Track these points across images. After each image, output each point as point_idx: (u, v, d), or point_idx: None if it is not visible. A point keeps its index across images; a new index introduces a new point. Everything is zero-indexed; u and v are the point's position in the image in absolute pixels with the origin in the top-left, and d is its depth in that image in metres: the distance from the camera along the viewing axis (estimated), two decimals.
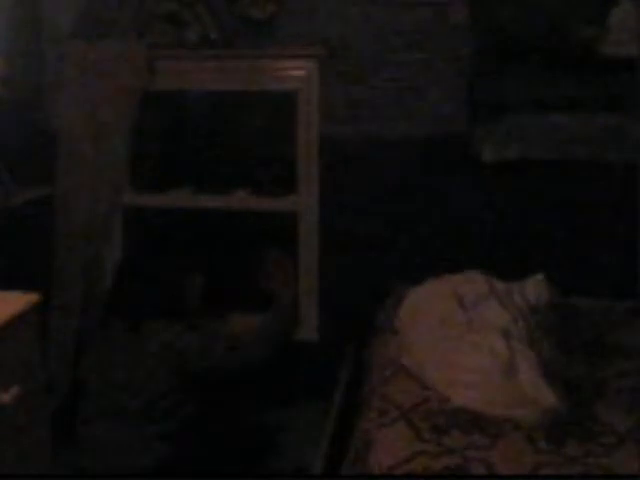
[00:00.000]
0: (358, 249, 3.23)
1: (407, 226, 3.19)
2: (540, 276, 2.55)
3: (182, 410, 3.06)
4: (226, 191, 3.48)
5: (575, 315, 2.76)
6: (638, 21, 3.19)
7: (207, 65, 3.34)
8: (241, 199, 3.48)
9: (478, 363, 2.23)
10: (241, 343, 3.24)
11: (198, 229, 3.54)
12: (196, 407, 3.06)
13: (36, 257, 3.10)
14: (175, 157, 3.61)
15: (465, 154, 3.10)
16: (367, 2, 3.21)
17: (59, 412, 2.82)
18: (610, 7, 3.20)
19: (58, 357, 3.15)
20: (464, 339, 2.30)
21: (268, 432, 3.05)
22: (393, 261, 3.18)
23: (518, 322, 2.33)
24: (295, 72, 3.31)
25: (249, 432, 3.05)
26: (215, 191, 3.49)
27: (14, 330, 1.93)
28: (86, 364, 3.16)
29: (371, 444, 2.14)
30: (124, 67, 3.19)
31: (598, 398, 2.34)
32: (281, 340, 3.27)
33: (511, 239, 3.08)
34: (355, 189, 3.23)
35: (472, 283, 2.49)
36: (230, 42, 3.28)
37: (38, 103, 3.33)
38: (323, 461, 2.50)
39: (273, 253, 3.52)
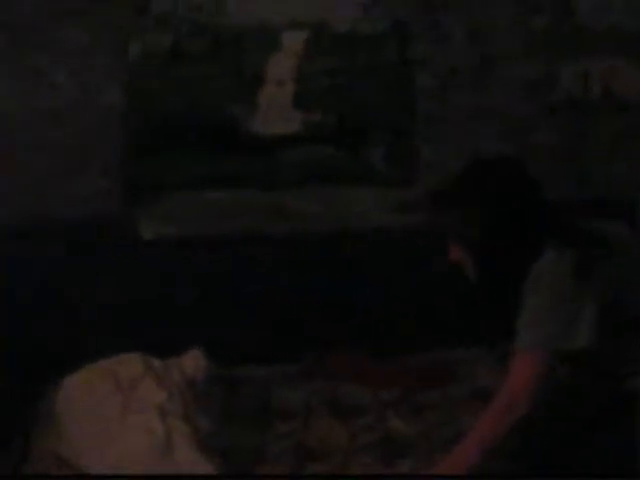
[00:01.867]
0: (15, 339, 3.08)
1: (68, 312, 3.10)
2: (196, 350, 2.59)
3: None
4: None
5: (239, 384, 2.84)
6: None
7: None
8: None
9: (134, 444, 2.22)
10: None
11: None
12: None
13: None
14: None
15: (123, 234, 3.10)
16: (22, 85, 3.14)
17: None
18: (258, 88, 3.40)
19: None
20: (121, 421, 2.28)
21: None
22: (55, 349, 3.06)
23: (175, 399, 2.35)
24: None
25: None
26: None
27: None
28: None
29: None
30: None
31: (259, 463, 2.43)
32: None
33: (176, 314, 3.11)
34: (11, 276, 3.09)
35: (128, 364, 2.48)
36: None
37: None
38: None
39: None
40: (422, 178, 3.40)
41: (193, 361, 2.55)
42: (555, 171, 3.27)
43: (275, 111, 3.40)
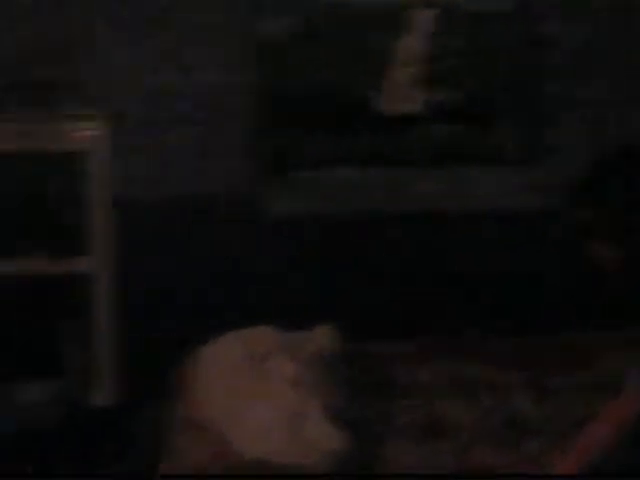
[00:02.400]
0: (154, 309, 3.22)
1: (202, 283, 3.22)
2: (326, 325, 2.65)
3: None
4: (18, 255, 3.39)
5: (362, 359, 2.88)
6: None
7: None
8: (33, 263, 3.39)
9: (268, 414, 2.29)
10: (32, 411, 3.12)
11: None
12: None
13: None
14: None
15: (256, 210, 3.19)
16: (156, 66, 3.25)
17: None
18: (385, 67, 3.41)
19: None
20: (254, 391, 2.35)
21: None
22: (189, 319, 3.19)
23: (306, 371, 2.41)
24: (85, 133, 3.29)
25: None
26: (6, 256, 3.39)
27: None
28: None
29: None
30: None
31: (387, 436, 2.47)
32: (75, 406, 3.19)
33: (299, 291, 3.18)
34: (149, 249, 3.22)
35: (261, 337, 2.55)
36: (16, 104, 3.22)
37: None
38: None
39: (66, 316, 3.44)
40: (549, 161, 3.36)
41: (323, 336, 2.60)
42: None
43: (402, 91, 3.41)
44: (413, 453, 2.44)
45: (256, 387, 2.39)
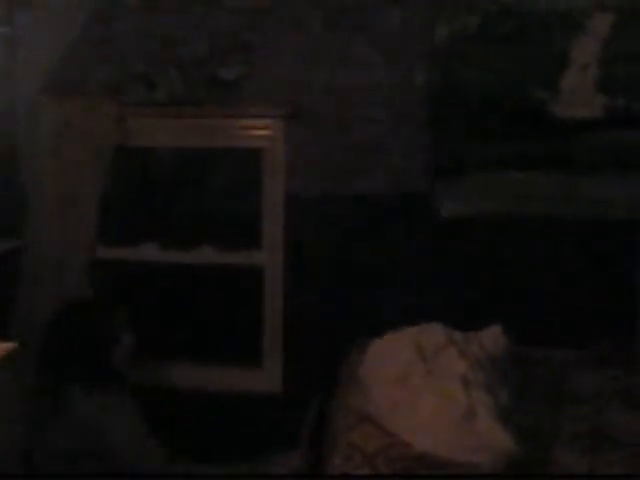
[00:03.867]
0: (321, 303, 3.31)
1: (370, 280, 3.28)
2: (497, 327, 2.65)
3: None
4: (191, 246, 3.56)
5: (530, 363, 2.87)
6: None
7: (175, 123, 3.44)
8: (205, 254, 3.55)
9: (438, 410, 2.32)
10: None
11: (162, 284, 3.62)
12: None
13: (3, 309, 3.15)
14: (141, 212, 3.67)
15: (425, 210, 3.22)
16: (332, 64, 3.33)
17: None
18: (562, 71, 3.36)
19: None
20: (424, 387, 2.38)
21: None
22: (356, 314, 3.26)
23: (476, 370, 2.42)
24: (261, 131, 3.42)
25: None
26: (180, 246, 3.56)
27: None
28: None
29: None
30: (96, 124, 3.28)
31: (554, 443, 2.44)
32: None
33: (469, 291, 3.18)
34: (319, 244, 3.32)
35: (432, 334, 2.58)
36: (198, 101, 3.38)
37: (7, 156, 3.35)
38: None
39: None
40: None
41: (493, 337, 2.61)
42: None
43: (578, 95, 3.34)
44: (580, 462, 2.40)
45: (425, 382, 2.42)
